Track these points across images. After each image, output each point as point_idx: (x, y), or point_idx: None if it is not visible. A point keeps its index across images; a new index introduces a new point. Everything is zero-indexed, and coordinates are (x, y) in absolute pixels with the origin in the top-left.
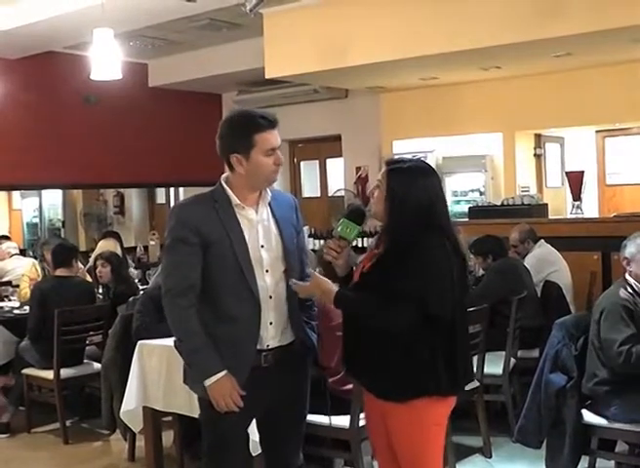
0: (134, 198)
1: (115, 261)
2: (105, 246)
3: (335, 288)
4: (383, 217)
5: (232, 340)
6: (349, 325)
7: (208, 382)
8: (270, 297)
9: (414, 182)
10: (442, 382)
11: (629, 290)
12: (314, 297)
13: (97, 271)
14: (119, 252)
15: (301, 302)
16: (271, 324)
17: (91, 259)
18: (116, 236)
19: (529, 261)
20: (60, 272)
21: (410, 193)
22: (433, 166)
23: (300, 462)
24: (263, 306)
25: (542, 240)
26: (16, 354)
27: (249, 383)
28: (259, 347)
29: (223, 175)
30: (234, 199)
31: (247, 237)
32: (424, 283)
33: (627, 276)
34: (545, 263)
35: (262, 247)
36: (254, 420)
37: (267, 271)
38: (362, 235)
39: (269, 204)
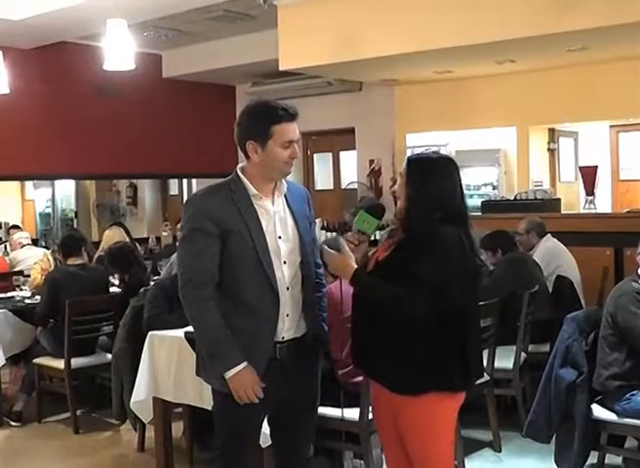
0: (146, 189)
1: (117, 253)
2: (111, 235)
3: (355, 265)
4: (403, 207)
5: (250, 332)
6: (361, 317)
7: (229, 374)
8: (287, 289)
9: (434, 173)
10: (454, 378)
11: None
12: (332, 268)
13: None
14: (124, 239)
15: (313, 294)
16: (288, 315)
17: (99, 250)
18: (121, 225)
19: (536, 255)
20: (71, 261)
21: (430, 183)
22: None
23: (310, 455)
24: (281, 298)
25: (549, 234)
26: (34, 341)
27: (263, 375)
28: (274, 339)
29: (239, 166)
30: (251, 189)
31: (265, 227)
32: (440, 271)
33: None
34: (552, 257)
35: (280, 238)
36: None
37: (285, 263)
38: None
39: (285, 195)
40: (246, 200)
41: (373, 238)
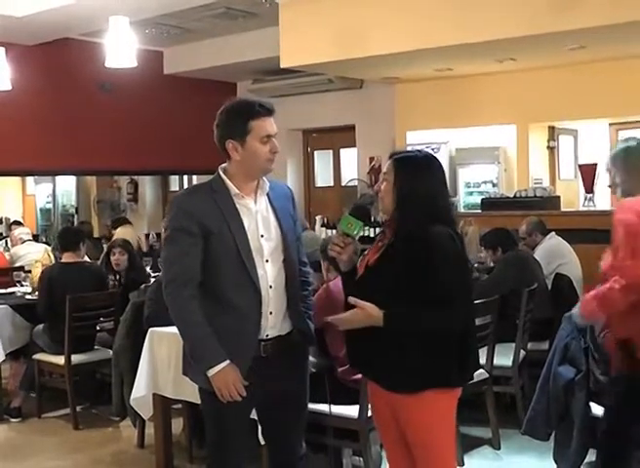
0: (147, 185)
1: (132, 249)
2: (123, 233)
3: (379, 310)
4: (391, 209)
5: (234, 330)
6: None
7: (211, 372)
8: (271, 287)
9: (421, 172)
10: (452, 374)
11: None
12: (359, 325)
13: (113, 258)
14: (136, 238)
15: (297, 291)
16: (271, 313)
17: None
18: (130, 223)
19: (538, 253)
20: (66, 257)
21: (418, 183)
22: (447, 157)
23: (302, 452)
24: (264, 296)
25: (553, 232)
26: (30, 339)
27: (248, 373)
28: (258, 337)
29: (221, 166)
30: (233, 189)
31: (247, 226)
32: (457, 276)
33: None
34: (555, 255)
35: (262, 236)
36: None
37: (267, 261)
38: (374, 225)
39: (267, 194)
40: (227, 199)
41: (366, 234)
